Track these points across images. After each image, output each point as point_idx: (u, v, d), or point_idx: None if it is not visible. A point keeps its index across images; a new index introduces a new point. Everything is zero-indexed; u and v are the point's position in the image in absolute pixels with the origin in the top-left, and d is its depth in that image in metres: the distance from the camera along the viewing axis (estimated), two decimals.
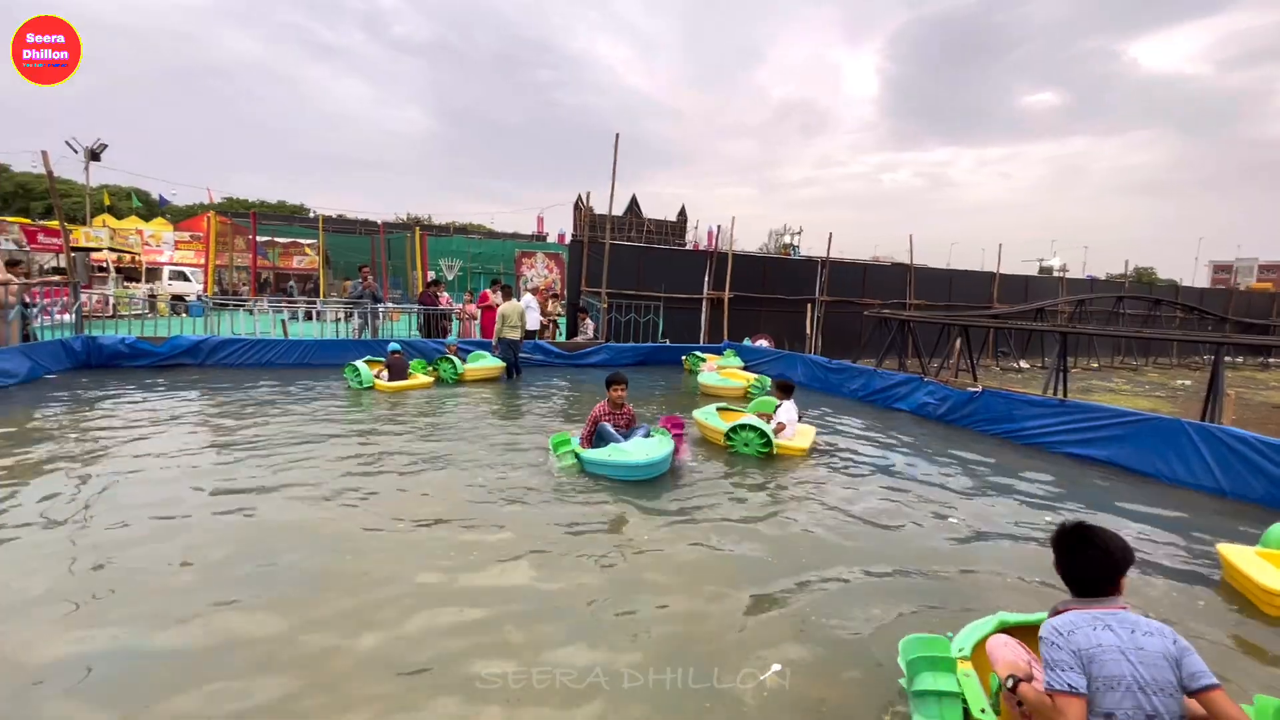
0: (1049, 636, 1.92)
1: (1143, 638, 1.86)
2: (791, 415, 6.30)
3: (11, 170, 49.76)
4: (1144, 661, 1.81)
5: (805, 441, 6.23)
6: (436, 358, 10.30)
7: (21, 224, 18.62)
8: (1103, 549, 1.98)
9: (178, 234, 27.09)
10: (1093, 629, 1.88)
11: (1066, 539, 2.07)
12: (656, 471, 5.15)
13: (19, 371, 8.02)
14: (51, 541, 3.60)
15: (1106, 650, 1.83)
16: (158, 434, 6.01)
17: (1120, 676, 1.79)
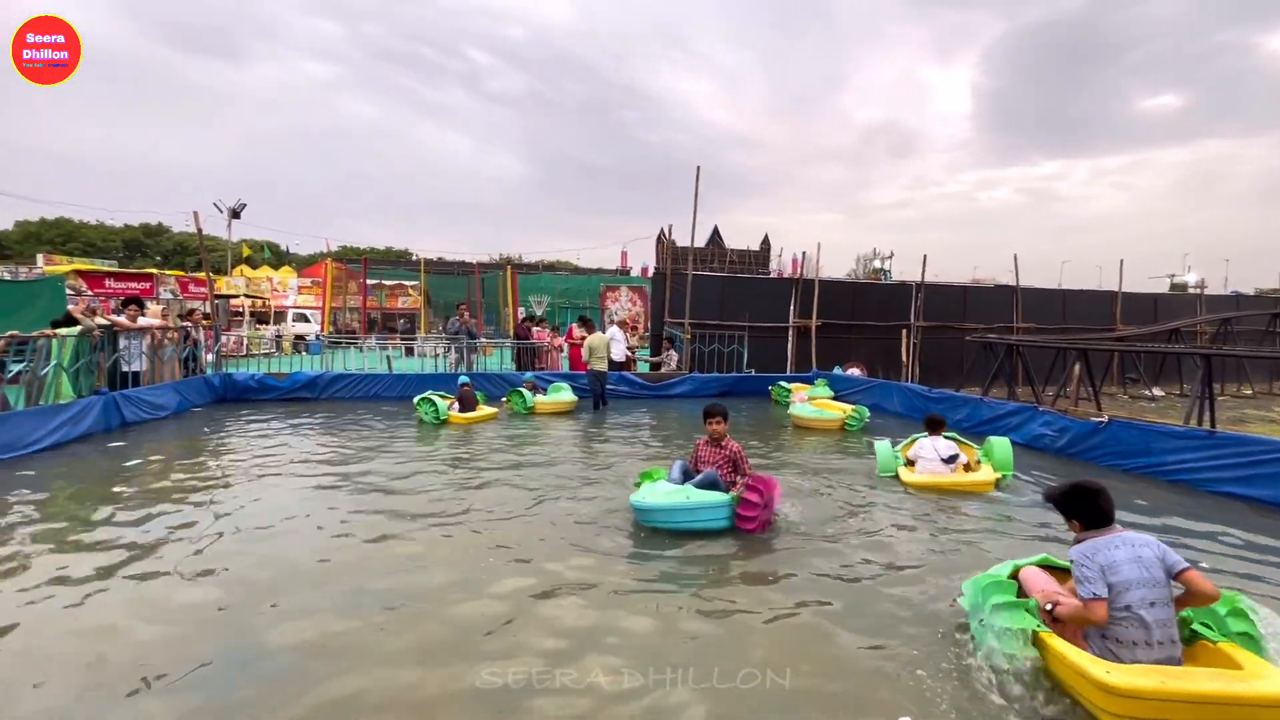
0: (1079, 559, 2.68)
1: (1140, 549, 2.66)
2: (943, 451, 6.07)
3: (171, 230, 57.36)
4: (1144, 563, 2.61)
5: (989, 475, 5.95)
6: (509, 390, 10.60)
7: (177, 276, 21.33)
8: (1105, 493, 2.80)
9: (301, 280, 29.98)
10: (1108, 549, 2.66)
11: (1081, 490, 2.84)
12: (670, 521, 4.48)
13: (170, 405, 9.06)
14: (195, 551, 3.96)
15: (1120, 562, 2.61)
16: (279, 459, 6.54)
17: (1131, 579, 2.58)
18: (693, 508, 4.46)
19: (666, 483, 4.74)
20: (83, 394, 7.59)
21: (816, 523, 4.84)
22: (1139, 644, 2.54)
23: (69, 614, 3.19)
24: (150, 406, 8.55)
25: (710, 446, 5.04)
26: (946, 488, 5.85)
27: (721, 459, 4.94)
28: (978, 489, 5.80)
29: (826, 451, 7.72)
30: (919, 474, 6.08)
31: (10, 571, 3.68)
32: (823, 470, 6.65)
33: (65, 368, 7.35)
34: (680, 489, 4.60)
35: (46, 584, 3.51)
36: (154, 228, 59.52)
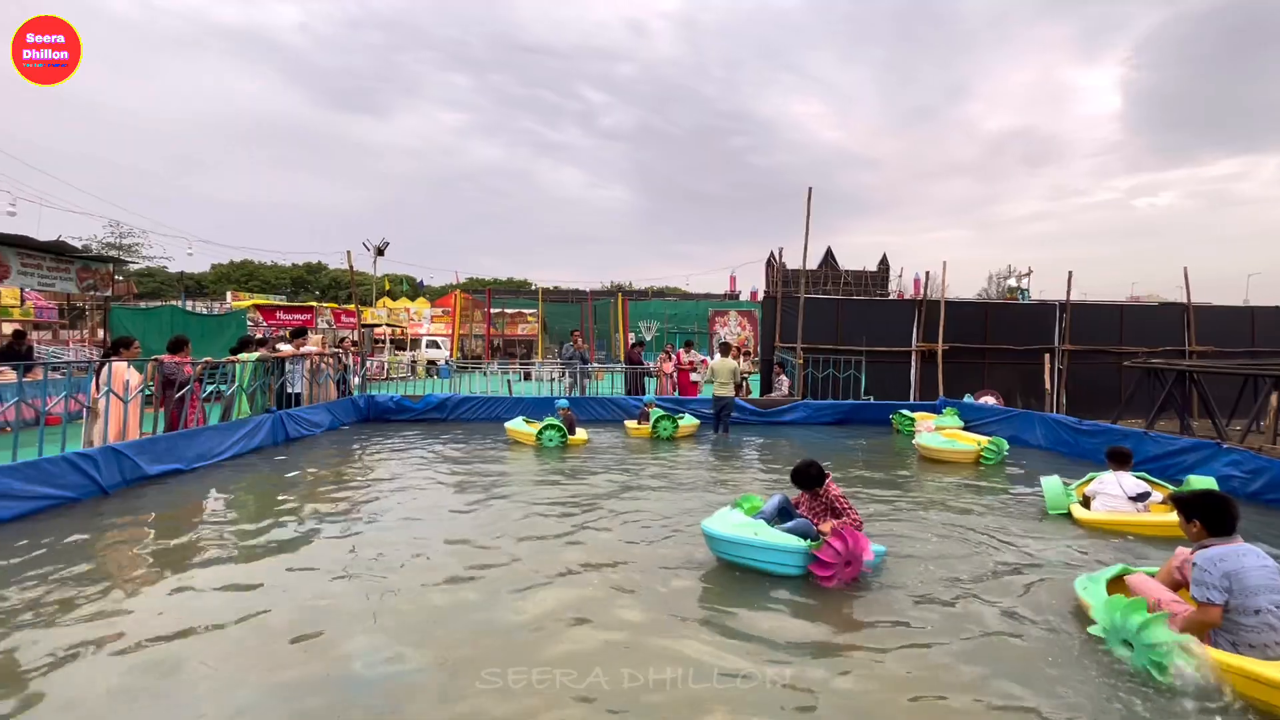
0: (1203, 564, 2.88)
1: (1264, 558, 2.89)
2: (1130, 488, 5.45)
3: (328, 267, 64.99)
4: (1271, 570, 2.85)
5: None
6: (638, 410, 10.81)
7: (332, 308, 24.13)
8: (1234, 503, 3.05)
9: (433, 310, 32.73)
10: (1236, 556, 2.85)
11: (1213, 500, 3.08)
12: (735, 556, 4.20)
13: (323, 423, 10.17)
14: (340, 556, 4.39)
15: (1250, 569, 2.81)
16: (415, 473, 7.11)
17: (1262, 584, 2.78)
18: (759, 546, 4.11)
19: (739, 513, 4.46)
20: (257, 412, 8.72)
21: (956, 559, 4.45)
22: (1269, 645, 2.74)
23: (241, 598, 3.63)
24: (308, 424, 9.65)
25: (809, 498, 4.72)
26: (1134, 528, 5.16)
27: (820, 507, 4.61)
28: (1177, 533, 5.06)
29: (961, 486, 7.11)
30: (1098, 511, 5.41)
31: (203, 555, 4.27)
32: (960, 506, 6.12)
33: (244, 389, 8.50)
34: (752, 523, 4.26)
35: (225, 565, 4.03)
36: (314, 266, 67.74)
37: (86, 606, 3.54)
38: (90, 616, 3.41)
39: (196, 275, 59.38)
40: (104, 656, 3.01)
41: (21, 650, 3.03)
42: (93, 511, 5.47)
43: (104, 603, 3.61)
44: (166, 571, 4.14)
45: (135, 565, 4.34)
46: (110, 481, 5.95)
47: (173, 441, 6.87)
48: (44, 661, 2.93)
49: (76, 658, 2.97)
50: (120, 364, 6.58)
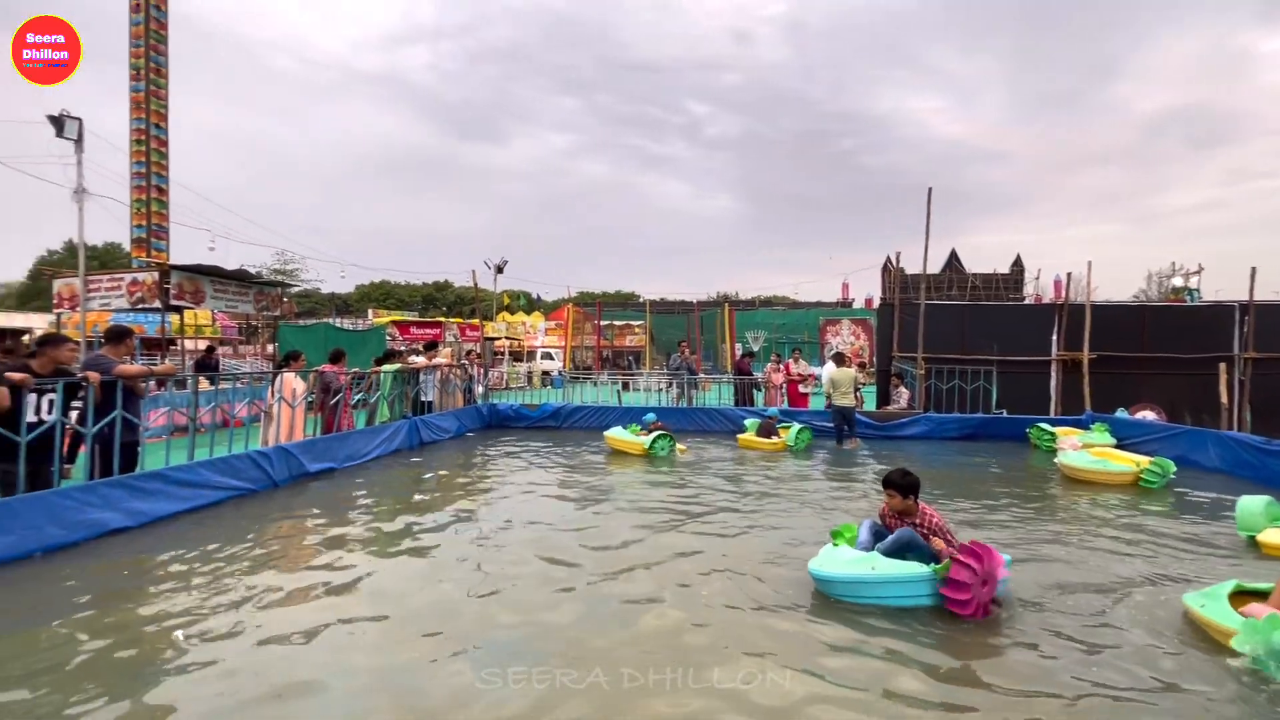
0: None
1: None
2: None
3: (454, 285, 70.25)
4: None
5: None
6: (751, 421, 10.70)
7: (458, 323, 26.09)
8: None
9: (547, 323, 34.35)
10: None
11: None
12: (854, 596, 3.80)
13: (451, 428, 11.01)
14: (464, 549, 4.76)
15: None
16: (533, 476, 7.53)
17: None
18: (880, 581, 3.72)
19: (849, 548, 4.08)
20: (395, 418, 9.63)
21: (1106, 588, 4.00)
22: None
23: (377, 582, 4.05)
24: (439, 429, 10.50)
25: (894, 517, 4.18)
26: None
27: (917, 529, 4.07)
28: None
29: (1116, 511, 6.36)
30: None
31: (351, 542, 4.80)
32: (1116, 534, 5.49)
33: (385, 396, 9.42)
34: (865, 557, 3.90)
35: (368, 552, 4.51)
36: (441, 284, 73.48)
37: (252, 577, 4.12)
38: (252, 586, 3.97)
39: (344, 295, 66.41)
40: (261, 616, 3.50)
41: (197, 608, 3.58)
42: (266, 502, 6.33)
43: (266, 575, 4.18)
44: (320, 554, 4.71)
45: (296, 548, 4.98)
46: (281, 476, 6.84)
47: (329, 443, 7.77)
48: (212, 617, 3.45)
49: (239, 618, 3.48)
50: (290, 375, 7.56)
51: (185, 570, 4.34)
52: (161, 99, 32.39)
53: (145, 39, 32.25)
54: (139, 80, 32.10)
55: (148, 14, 32.61)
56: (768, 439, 9.88)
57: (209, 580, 4.15)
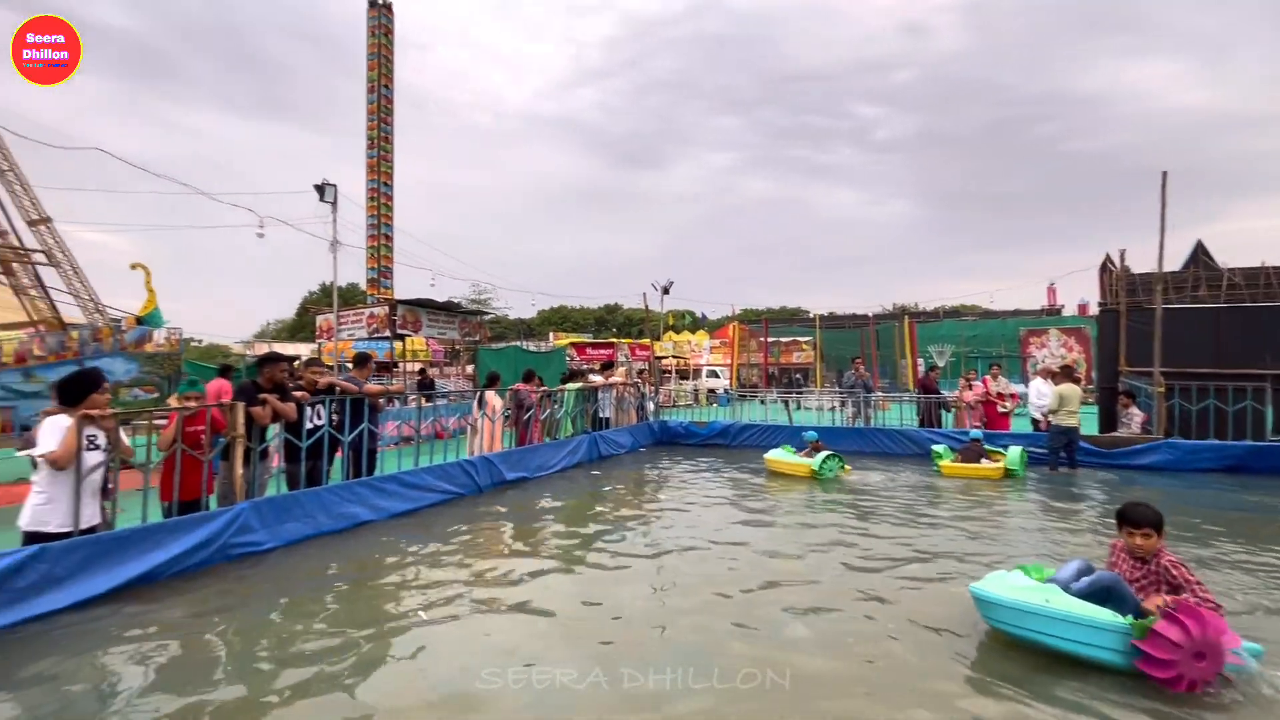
0: None
1: None
2: None
3: (623, 307, 73.94)
4: None
5: None
6: (932, 450, 9.79)
7: (628, 343, 27.41)
8: None
9: (712, 341, 34.63)
10: None
11: None
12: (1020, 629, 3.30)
13: (626, 444, 11.55)
14: (641, 558, 4.97)
15: None
16: (706, 493, 7.63)
17: None
18: (1052, 617, 3.18)
19: (1024, 575, 3.57)
20: (577, 433, 10.35)
21: None
22: None
23: (561, 581, 4.37)
24: (615, 445, 11.07)
25: (1130, 561, 3.48)
26: None
27: (1148, 579, 3.36)
28: None
29: None
30: None
31: (542, 544, 5.26)
32: None
33: (569, 413, 10.18)
34: (1041, 587, 3.36)
35: (555, 555, 4.90)
36: (612, 306, 77.70)
37: (461, 570, 4.67)
38: (460, 577, 4.50)
39: (528, 320, 73.12)
40: (467, 607, 3.94)
41: (427, 588, 4.14)
42: (472, 505, 7.16)
43: (471, 569, 4.71)
44: (516, 553, 5.22)
45: (498, 547, 5.56)
46: (484, 483, 7.71)
47: (522, 454, 8.60)
48: (422, 603, 3.96)
49: (447, 603, 3.95)
50: (491, 393, 8.53)
51: (417, 558, 5.09)
52: (389, 161, 38.69)
53: (377, 114, 38.77)
54: (373, 148, 38.64)
55: (379, 94, 39.16)
56: (974, 463, 8.90)
57: (433, 567, 4.82)
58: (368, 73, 37.86)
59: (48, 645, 3.51)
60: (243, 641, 3.61)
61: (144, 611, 3.97)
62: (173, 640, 3.60)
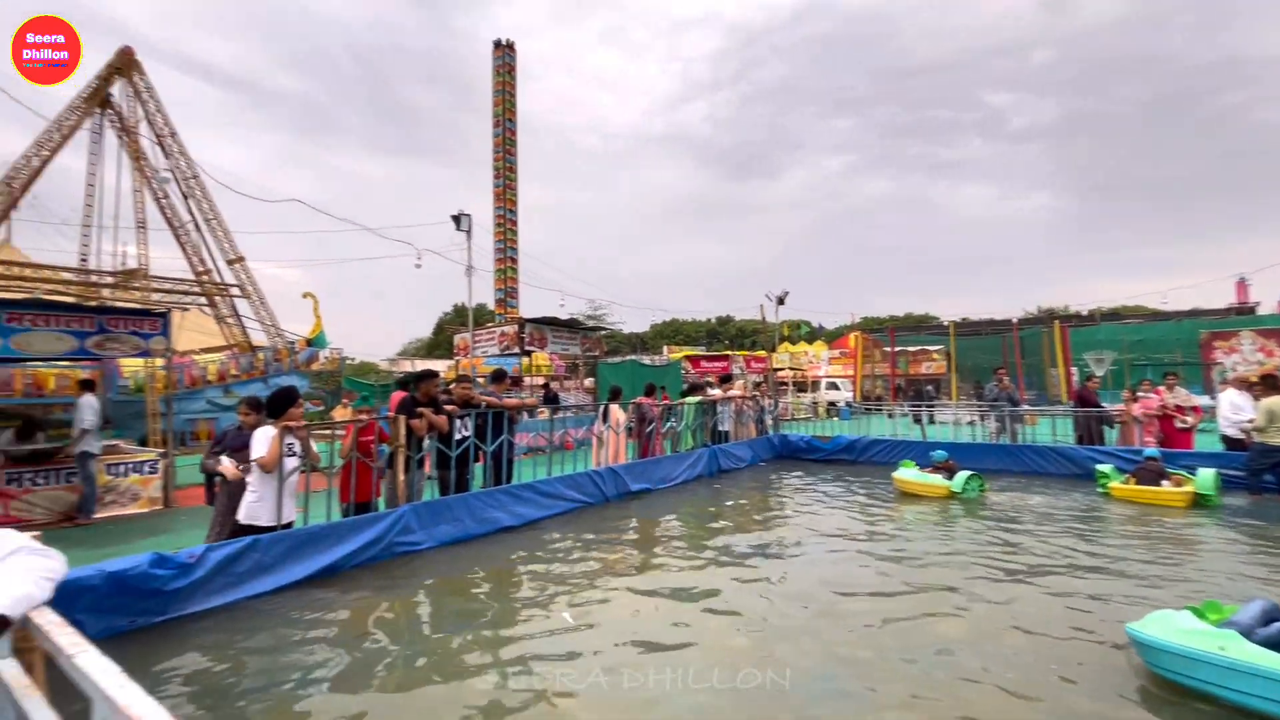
0: None
1: None
2: None
3: (735, 319, 73.24)
4: None
5: None
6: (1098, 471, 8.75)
7: (743, 355, 27.11)
8: None
9: (830, 352, 33.32)
10: None
11: None
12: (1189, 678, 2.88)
13: (746, 458, 11.42)
14: (763, 572, 4.90)
15: None
16: (828, 508, 7.36)
17: None
18: (1230, 669, 2.76)
19: (1195, 618, 3.13)
20: (697, 446, 10.40)
21: None
22: None
23: (686, 591, 4.40)
24: (734, 458, 10.99)
25: None
26: None
27: None
28: None
29: None
30: None
31: (666, 554, 5.35)
32: None
33: (689, 426, 10.27)
34: (1217, 633, 2.93)
35: (679, 565, 4.95)
36: (724, 319, 77.24)
37: (597, 574, 4.85)
38: (596, 580, 4.67)
39: (641, 334, 74.57)
40: (599, 610, 4.08)
41: (551, 594, 4.35)
42: (600, 513, 7.43)
43: (605, 573, 4.88)
44: (642, 562, 5.35)
45: (623, 555, 5.72)
46: (610, 493, 7.98)
47: (645, 466, 8.80)
48: (564, 603, 4.15)
49: (586, 604, 4.12)
50: (615, 406, 8.83)
51: (556, 561, 5.39)
52: (513, 189, 41.37)
53: (502, 146, 41.63)
54: (498, 178, 41.50)
55: (503, 127, 42.03)
56: (1153, 486, 7.76)
57: (571, 570, 5.07)
58: (493, 108, 40.88)
59: (261, 620, 4.13)
60: (408, 625, 4.04)
61: (331, 597, 4.55)
62: (357, 621, 4.11)
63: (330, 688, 3.24)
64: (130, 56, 22.99)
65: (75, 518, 7.50)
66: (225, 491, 5.03)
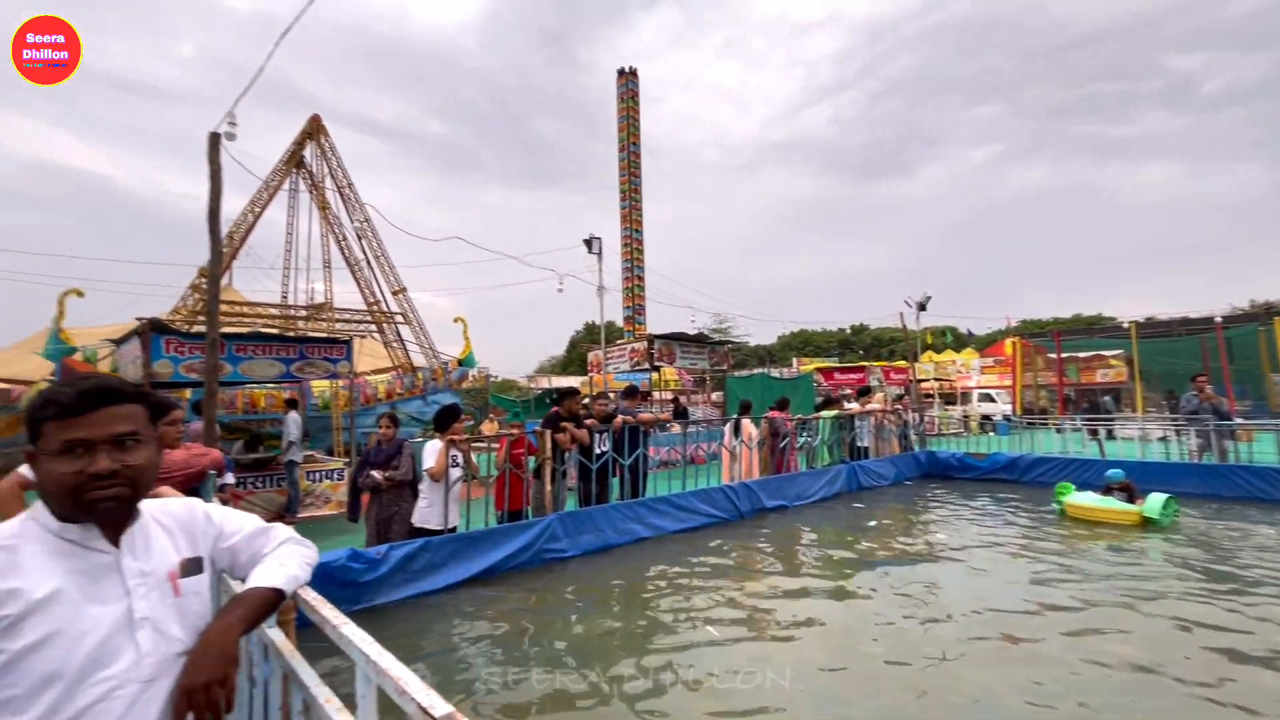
0: None
1: None
2: None
3: (869, 327, 69.39)
4: None
5: None
6: None
7: (881, 366, 25.58)
8: None
9: (982, 360, 30.38)
10: None
11: None
12: None
13: (889, 475, 10.75)
14: (906, 600, 4.56)
15: None
16: (987, 537, 6.71)
17: None
18: None
19: None
20: (834, 462, 9.99)
21: None
22: None
23: (827, 614, 4.22)
24: (875, 475, 10.40)
25: None
26: None
27: None
28: None
29: None
30: None
31: (804, 575, 5.18)
32: None
33: (825, 441, 9.90)
34: None
35: (818, 589, 4.76)
36: (857, 327, 73.42)
37: (732, 589, 4.81)
38: (731, 595, 4.62)
39: (768, 346, 72.98)
40: (736, 630, 4.03)
41: (688, 605, 4.36)
42: (735, 529, 7.38)
43: (740, 589, 4.83)
44: (781, 578, 5.23)
45: (761, 571, 5.62)
46: (745, 509, 7.90)
47: (780, 482, 8.61)
48: (699, 615, 4.14)
49: (721, 619, 4.09)
50: (747, 420, 8.76)
51: (693, 574, 5.45)
52: (638, 210, 42.65)
53: (627, 169, 43.12)
54: (624, 200, 42.98)
55: (628, 151, 43.55)
56: None
57: (707, 583, 5.10)
58: (618, 133, 42.55)
59: (435, 614, 4.60)
60: (560, 623, 4.29)
61: (491, 596, 4.96)
62: (515, 619, 4.45)
63: (496, 676, 3.53)
64: (318, 123, 26.91)
65: (284, 517, 8.82)
66: (377, 502, 5.40)
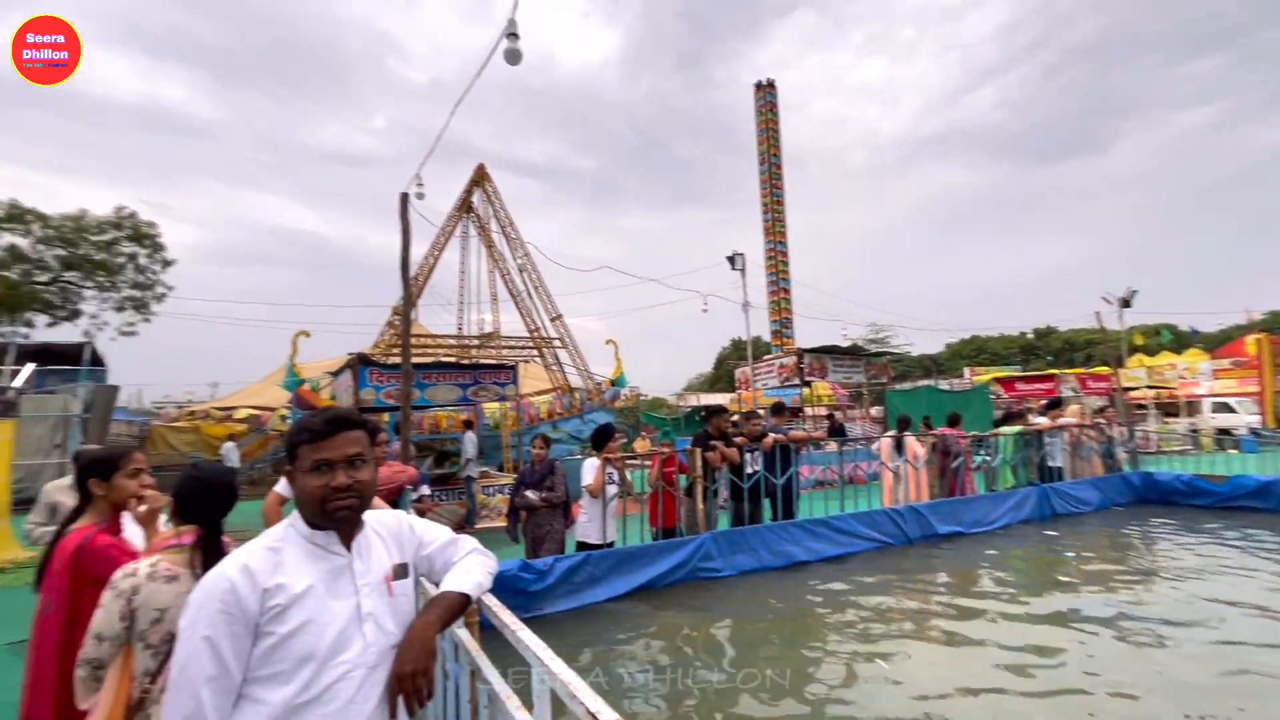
0: None
1: None
2: None
3: (1058, 329, 60.97)
4: None
5: None
6: None
7: (1076, 374, 22.29)
8: None
9: (1214, 362, 25.26)
10: None
11: None
12: None
13: (1091, 500, 9.28)
14: (1124, 648, 3.85)
15: None
16: (1225, 578, 5.50)
17: None
18: None
19: None
20: (1020, 484, 8.87)
21: None
22: None
23: (1016, 664, 3.69)
24: (1074, 500, 9.04)
25: None
26: None
27: None
28: None
29: None
30: None
31: (999, 613, 4.62)
32: None
33: (1007, 460, 8.84)
34: None
35: (1004, 632, 4.20)
36: (1042, 330, 64.85)
37: (900, 621, 4.41)
38: (898, 628, 4.23)
39: (934, 355, 66.94)
40: (908, 667, 3.66)
41: (849, 637, 4.05)
42: (901, 556, 6.82)
43: (912, 623, 4.41)
44: (960, 613, 4.70)
45: (935, 603, 5.11)
46: (913, 534, 7.29)
47: (954, 506, 7.83)
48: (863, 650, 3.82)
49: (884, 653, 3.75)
50: (912, 437, 8.12)
51: (853, 603, 5.13)
52: (782, 222, 41.79)
53: (769, 182, 42.53)
54: (767, 213, 42.36)
55: (769, 164, 42.98)
56: None
57: (871, 614, 4.77)
58: (758, 147, 42.16)
59: (597, 625, 4.82)
60: (718, 644, 4.27)
61: (649, 612, 5.09)
62: (672, 634, 4.51)
63: (658, 693, 3.61)
64: (483, 170, 30.01)
65: (464, 527, 9.79)
66: (533, 520, 5.55)
